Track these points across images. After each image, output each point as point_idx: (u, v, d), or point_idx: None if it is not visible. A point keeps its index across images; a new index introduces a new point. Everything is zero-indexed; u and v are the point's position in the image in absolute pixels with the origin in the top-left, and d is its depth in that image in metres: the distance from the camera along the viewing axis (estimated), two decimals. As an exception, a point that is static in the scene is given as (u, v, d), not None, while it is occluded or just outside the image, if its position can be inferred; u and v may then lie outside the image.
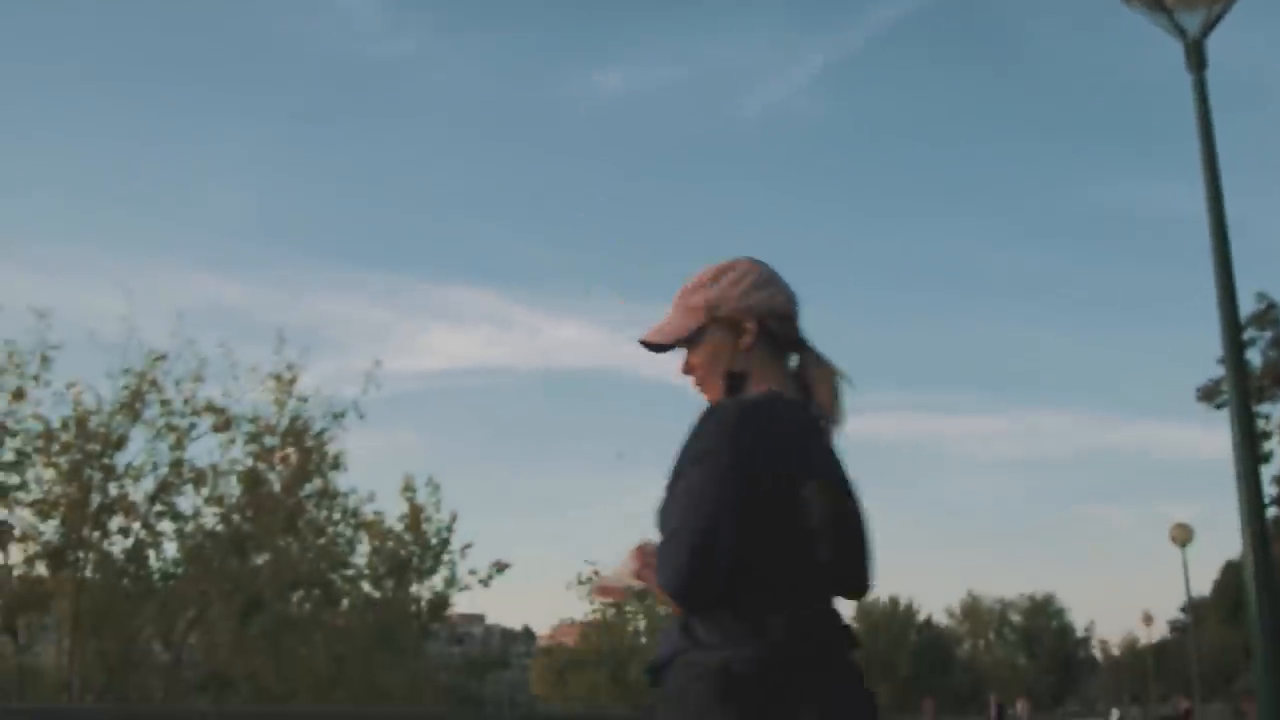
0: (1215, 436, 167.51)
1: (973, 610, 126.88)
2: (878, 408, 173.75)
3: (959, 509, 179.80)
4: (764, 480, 2.45)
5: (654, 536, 2.53)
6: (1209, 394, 47.47)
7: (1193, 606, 34.61)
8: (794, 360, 2.77)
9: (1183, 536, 28.15)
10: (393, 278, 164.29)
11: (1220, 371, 46.78)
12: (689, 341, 2.74)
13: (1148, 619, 52.78)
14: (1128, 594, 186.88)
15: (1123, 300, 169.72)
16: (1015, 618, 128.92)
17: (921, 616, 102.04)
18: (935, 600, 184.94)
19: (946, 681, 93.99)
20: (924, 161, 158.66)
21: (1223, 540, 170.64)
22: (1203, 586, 73.32)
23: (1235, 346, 8.36)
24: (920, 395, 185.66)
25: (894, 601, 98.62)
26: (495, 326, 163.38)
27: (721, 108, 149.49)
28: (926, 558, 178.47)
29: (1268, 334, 46.52)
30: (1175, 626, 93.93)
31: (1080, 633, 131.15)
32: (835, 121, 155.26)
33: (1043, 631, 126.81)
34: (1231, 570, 65.34)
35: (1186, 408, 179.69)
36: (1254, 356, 44.54)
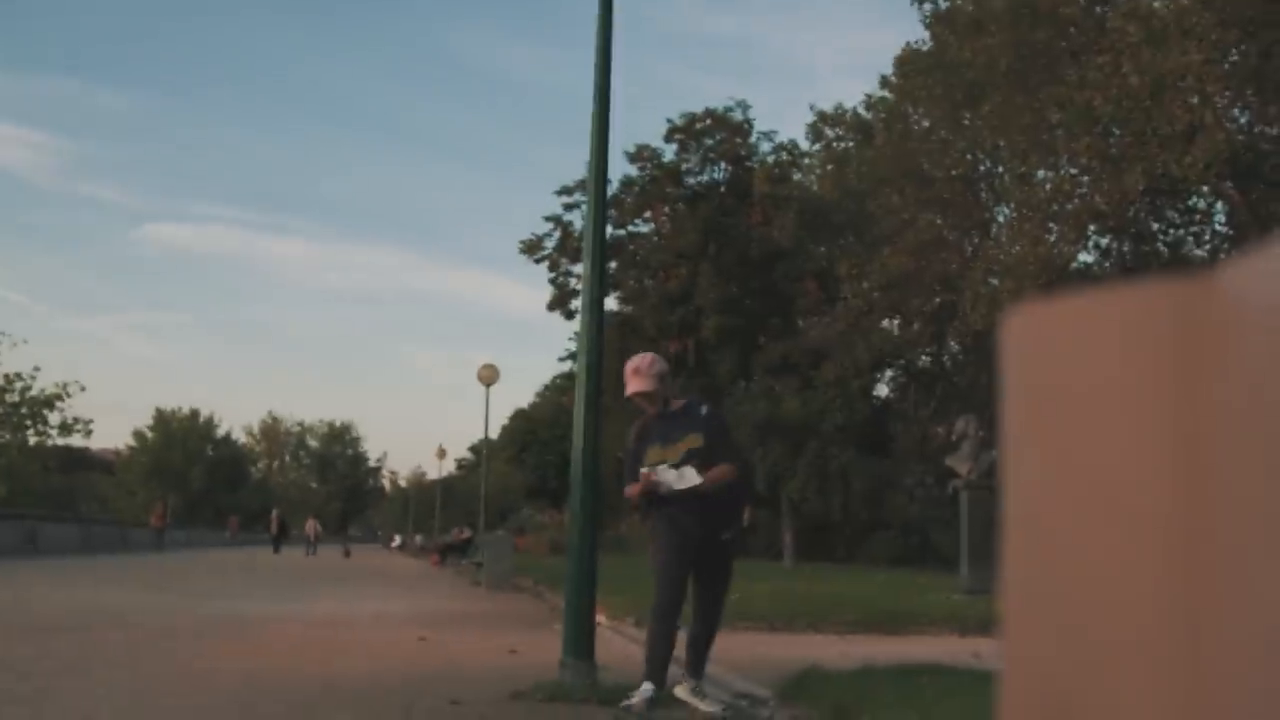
0: (527, 292, 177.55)
1: (271, 431, 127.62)
2: (205, 219, 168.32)
3: (275, 330, 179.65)
4: None
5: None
6: (531, 248, 50.46)
7: (487, 445, 36.68)
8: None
9: (490, 377, 29.62)
10: None
11: (545, 228, 49.77)
12: (652, 390, 7.16)
13: (442, 453, 55.29)
14: (424, 431, 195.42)
15: (465, 150, 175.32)
16: (313, 443, 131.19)
17: (221, 432, 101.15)
18: (237, 417, 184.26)
19: (238, 499, 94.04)
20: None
21: (513, 391, 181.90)
22: (492, 431, 77.96)
23: (600, 209, 8.83)
24: (251, 213, 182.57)
25: (194, 414, 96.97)
26: None
27: None
28: (235, 374, 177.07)
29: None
30: (461, 465, 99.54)
31: (373, 463, 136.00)
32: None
33: (337, 458, 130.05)
34: (520, 416, 70.10)
35: (505, 262, 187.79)
36: (576, 219, 47.64)
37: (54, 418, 46.81)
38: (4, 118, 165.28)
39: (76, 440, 50.88)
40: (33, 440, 47.02)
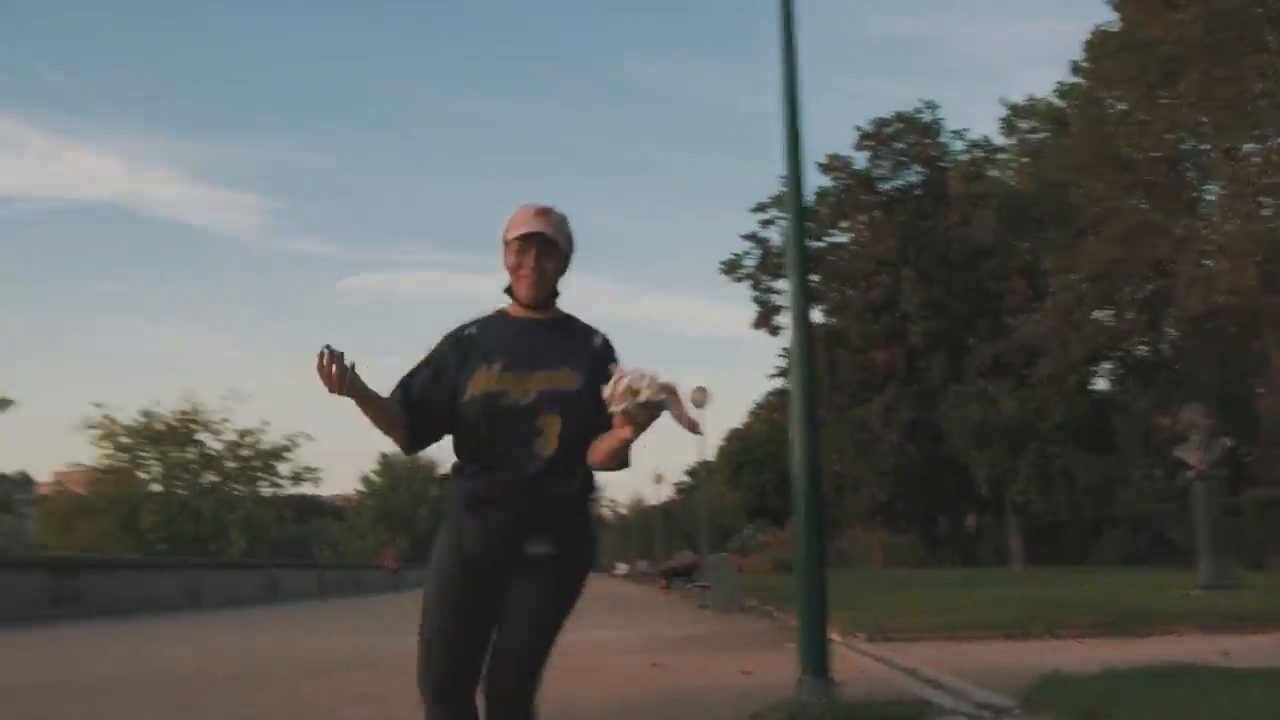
0: (730, 311, 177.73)
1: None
2: (409, 265, 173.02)
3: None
4: None
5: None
6: (731, 267, 50.69)
7: (704, 468, 36.92)
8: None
9: (701, 399, 29.95)
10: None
11: (742, 246, 49.95)
12: (558, 249, 3.72)
13: (659, 479, 55.83)
14: (639, 457, 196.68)
15: (658, 175, 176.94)
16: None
17: (442, 471, 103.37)
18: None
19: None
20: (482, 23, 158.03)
21: (724, 410, 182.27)
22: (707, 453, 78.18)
23: (799, 222, 8.85)
24: (454, 255, 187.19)
25: (415, 455, 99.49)
26: (6, 151, 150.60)
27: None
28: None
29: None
30: (680, 488, 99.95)
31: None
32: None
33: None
34: (734, 436, 70.13)
35: (706, 283, 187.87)
36: (773, 235, 47.67)
37: (284, 468, 48.82)
38: (211, 183, 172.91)
39: (307, 489, 52.96)
40: (266, 491, 49.06)
